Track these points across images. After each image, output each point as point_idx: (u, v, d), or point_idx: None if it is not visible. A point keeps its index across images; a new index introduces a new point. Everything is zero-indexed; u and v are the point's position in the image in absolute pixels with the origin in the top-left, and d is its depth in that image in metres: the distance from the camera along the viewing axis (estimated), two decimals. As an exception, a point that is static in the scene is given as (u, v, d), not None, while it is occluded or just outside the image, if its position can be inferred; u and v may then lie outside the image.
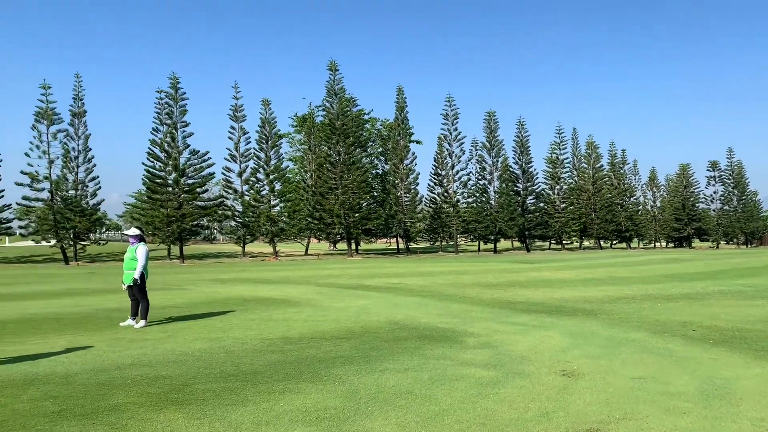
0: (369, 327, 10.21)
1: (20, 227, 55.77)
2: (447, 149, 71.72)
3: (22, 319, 11.45)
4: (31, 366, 7.08)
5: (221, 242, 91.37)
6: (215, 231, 67.50)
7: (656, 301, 14.34)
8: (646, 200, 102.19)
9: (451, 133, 71.46)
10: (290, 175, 69.47)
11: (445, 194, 71.25)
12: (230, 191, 60.93)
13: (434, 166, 72.87)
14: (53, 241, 52.75)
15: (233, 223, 62.00)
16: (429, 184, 73.15)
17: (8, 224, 53.92)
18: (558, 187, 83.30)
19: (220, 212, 59.62)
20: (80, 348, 8.29)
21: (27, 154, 51.86)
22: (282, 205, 61.35)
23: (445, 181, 71.63)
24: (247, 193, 60.39)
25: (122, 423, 4.80)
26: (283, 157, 63.74)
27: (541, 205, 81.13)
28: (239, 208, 60.58)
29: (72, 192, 53.13)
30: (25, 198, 51.98)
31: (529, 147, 79.95)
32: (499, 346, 8.33)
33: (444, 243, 76.21)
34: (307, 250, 69.79)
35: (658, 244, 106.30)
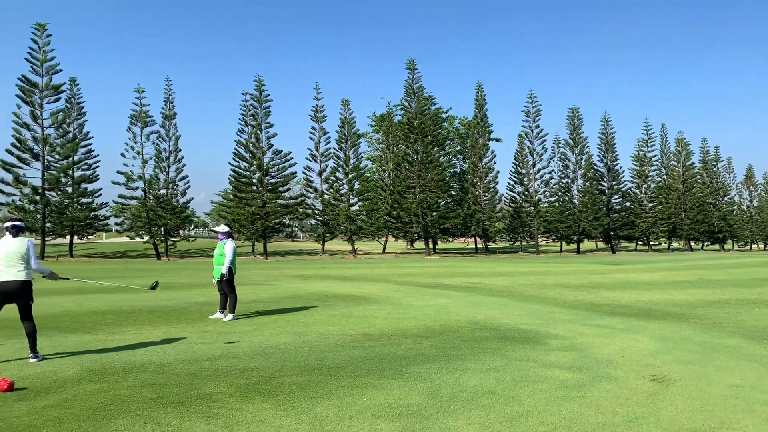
0: (449, 326, 10.18)
1: (116, 224, 59.39)
2: (528, 147, 70.39)
3: (119, 311, 12.17)
4: (129, 355, 7.51)
5: (302, 240, 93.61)
6: (296, 229, 69.19)
7: (753, 306, 13.53)
8: (742, 200, 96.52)
9: (532, 131, 70.09)
10: (368, 174, 70.23)
11: (526, 193, 69.94)
12: (311, 190, 62.32)
13: (514, 164, 71.70)
14: (146, 237, 55.71)
15: (313, 221, 63.39)
16: (509, 183, 72.14)
17: (105, 221, 57.45)
18: (645, 185, 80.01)
19: (301, 210, 61.11)
20: (173, 339, 8.72)
21: (123, 155, 55.13)
22: (360, 203, 62.16)
23: (525, 179, 70.32)
24: (326, 191, 61.57)
25: (214, 411, 5.03)
26: (362, 157, 64.56)
27: (627, 204, 78.19)
28: (319, 206, 61.85)
29: (163, 191, 55.94)
30: (121, 196, 55.25)
31: (614, 144, 77.28)
32: (584, 349, 8.11)
33: (524, 243, 74.83)
34: (384, 248, 70.34)
35: (755, 246, 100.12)
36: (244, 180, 57.52)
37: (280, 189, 58.63)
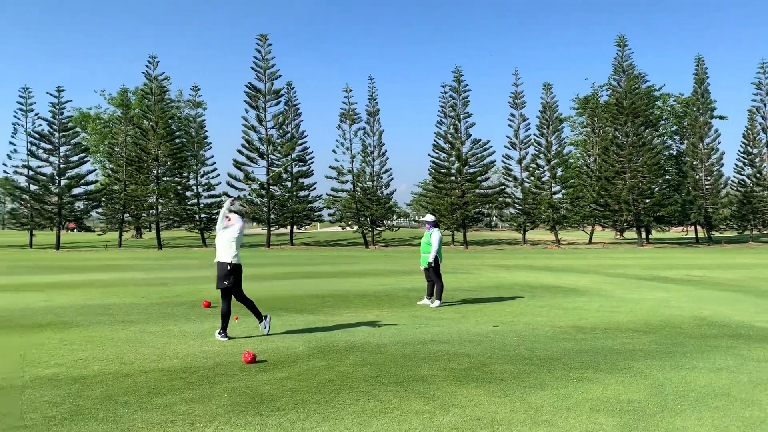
0: (670, 321, 9.42)
1: (329, 215, 64.07)
2: (760, 123, 62.03)
3: (336, 294, 13.14)
4: (348, 335, 8.09)
5: (501, 229, 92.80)
6: (495, 218, 68.75)
7: None
8: None
9: (765, 105, 61.67)
10: (572, 160, 67.22)
11: (758, 175, 61.78)
12: (510, 179, 61.43)
13: (743, 143, 63.62)
14: (355, 227, 59.36)
15: (513, 211, 62.42)
16: (736, 165, 64.11)
17: (319, 212, 62.27)
18: None
19: (500, 200, 60.57)
20: (386, 322, 9.20)
21: (334, 151, 59.32)
22: (564, 191, 59.79)
23: (757, 160, 62.14)
24: (527, 180, 60.25)
25: (430, 393, 5.22)
26: (565, 142, 62.04)
27: None
28: (519, 195, 60.73)
29: (369, 183, 59.09)
30: (333, 189, 59.49)
31: None
32: (841, 354, 6.99)
33: (756, 232, 66.24)
34: (590, 238, 66.97)
35: None
36: (443, 170, 58.54)
37: (479, 178, 58.57)
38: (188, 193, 58.65)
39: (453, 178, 58.25)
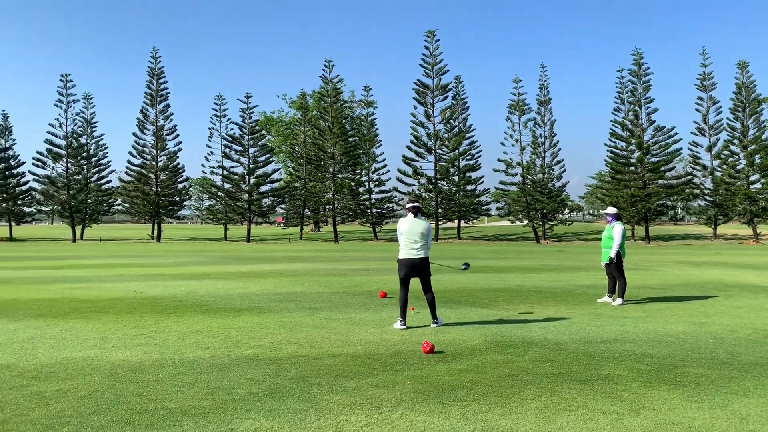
0: None
1: (497, 208, 63.26)
2: None
3: (509, 289, 12.99)
4: (524, 330, 7.97)
5: (687, 223, 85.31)
6: (681, 211, 63.35)
7: None
8: None
9: None
10: (773, 146, 59.76)
11: None
12: (698, 168, 56.20)
13: None
14: (525, 221, 58.04)
15: (702, 203, 57.08)
16: None
17: (487, 206, 61.79)
18: None
19: (687, 191, 55.68)
20: (563, 319, 8.92)
21: (502, 143, 58.51)
22: (763, 180, 53.43)
23: None
24: (718, 168, 54.72)
25: (617, 393, 4.98)
26: (764, 126, 55.33)
27: None
28: (709, 185, 55.37)
29: (539, 176, 57.39)
30: (501, 183, 58.70)
31: None
32: None
33: None
34: (797, 232, 59.21)
35: None
36: (621, 160, 55.11)
37: (663, 168, 54.28)
38: (361, 189, 61.33)
39: (633, 168, 54.69)
